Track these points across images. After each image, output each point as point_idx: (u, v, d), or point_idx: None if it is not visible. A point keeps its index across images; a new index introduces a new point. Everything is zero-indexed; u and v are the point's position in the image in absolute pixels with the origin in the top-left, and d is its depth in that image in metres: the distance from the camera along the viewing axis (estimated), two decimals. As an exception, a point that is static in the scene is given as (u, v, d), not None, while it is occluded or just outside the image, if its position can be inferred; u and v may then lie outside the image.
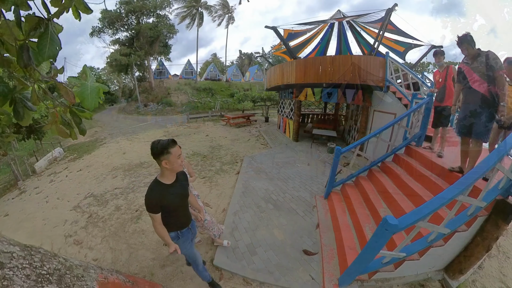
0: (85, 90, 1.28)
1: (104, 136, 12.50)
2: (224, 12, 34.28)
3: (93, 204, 4.70)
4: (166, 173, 1.90)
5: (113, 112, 28.16)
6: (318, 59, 8.27)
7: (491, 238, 2.40)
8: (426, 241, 2.26)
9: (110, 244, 3.38)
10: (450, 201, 1.88)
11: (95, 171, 6.73)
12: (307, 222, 3.73)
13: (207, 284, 2.44)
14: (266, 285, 2.53)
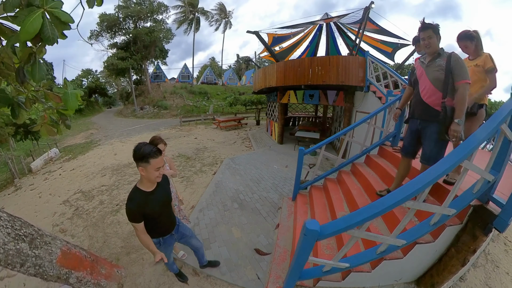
0: (67, 96, 1.75)
1: (99, 138, 13.00)
2: (221, 17, 34.77)
3: (80, 199, 5.20)
4: (144, 181, 1.83)
5: (111, 114, 28.75)
6: (297, 61, 8.42)
7: (467, 251, 2.10)
8: (375, 252, 2.00)
9: (90, 233, 3.87)
10: (390, 209, 1.56)
11: (87, 170, 7.23)
12: (268, 222, 3.82)
13: (161, 269, 2.82)
14: (211, 278, 2.72)
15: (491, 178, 1.86)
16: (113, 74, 26.90)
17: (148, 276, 2.76)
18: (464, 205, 1.92)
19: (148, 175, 1.74)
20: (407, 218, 1.78)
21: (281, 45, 12.45)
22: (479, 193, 1.92)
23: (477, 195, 1.93)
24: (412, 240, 1.94)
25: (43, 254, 1.87)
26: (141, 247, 3.31)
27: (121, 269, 2.86)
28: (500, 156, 1.87)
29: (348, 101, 7.84)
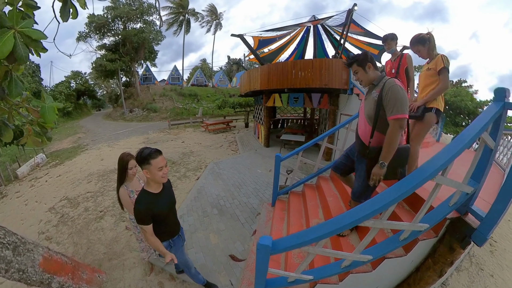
0: (44, 110, 1.86)
1: (86, 143, 13.00)
2: (212, 18, 34.78)
3: (66, 206, 5.32)
4: (151, 183, 1.90)
5: (99, 117, 28.49)
6: (280, 64, 8.45)
7: (444, 263, 2.03)
8: (339, 266, 1.93)
9: (74, 240, 4.02)
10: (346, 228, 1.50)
11: (73, 176, 7.32)
12: (245, 229, 3.92)
13: (140, 274, 2.98)
14: (187, 283, 2.84)
15: (469, 190, 1.77)
16: (102, 76, 26.65)
17: (128, 281, 2.95)
18: (438, 220, 1.82)
19: (153, 176, 1.81)
20: (369, 236, 1.69)
21: (268, 47, 12.60)
22: (456, 205, 1.82)
23: (454, 208, 1.83)
24: (379, 256, 1.85)
25: (26, 261, 2.05)
26: (123, 253, 3.49)
27: (102, 274, 3.04)
28: (481, 165, 1.78)
29: (333, 103, 7.87)
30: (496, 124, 1.71)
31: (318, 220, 3.16)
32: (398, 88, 1.82)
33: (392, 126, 1.83)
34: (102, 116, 29.25)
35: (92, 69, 27.14)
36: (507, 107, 1.64)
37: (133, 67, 27.42)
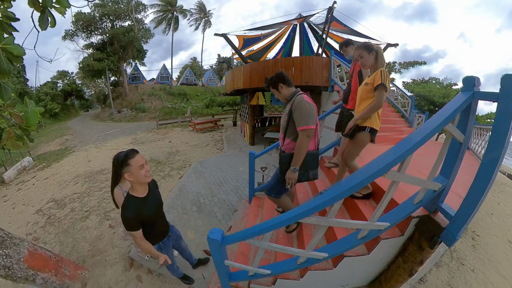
0: (27, 114, 2.03)
1: (74, 144, 13.04)
2: (201, 16, 34.64)
3: (53, 207, 5.48)
4: (135, 186, 1.84)
5: (87, 118, 28.24)
6: (262, 63, 8.63)
7: (414, 262, 1.99)
8: (295, 262, 1.94)
9: (60, 239, 4.22)
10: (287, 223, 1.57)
11: (60, 178, 7.45)
12: (222, 225, 4.13)
13: (120, 270, 3.21)
14: (162, 276, 3.06)
15: (436, 187, 1.71)
16: (89, 75, 26.34)
17: (109, 276, 3.18)
18: (400, 218, 1.77)
19: (136, 177, 1.75)
20: (319, 233, 1.68)
21: (253, 46, 12.74)
22: (422, 203, 1.77)
23: (419, 206, 1.78)
24: (336, 254, 1.86)
25: (12, 253, 2.27)
26: (105, 249, 3.72)
27: (85, 270, 3.27)
28: (450, 160, 1.71)
29: (314, 101, 8.01)
30: (465, 115, 1.58)
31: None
32: (304, 104, 2.07)
33: (300, 136, 2.07)
34: (90, 117, 29.05)
35: (79, 69, 26.79)
36: (476, 97, 1.50)
37: (121, 66, 27.21)
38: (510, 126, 1.29)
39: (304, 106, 2.06)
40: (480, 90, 1.51)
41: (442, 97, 12.66)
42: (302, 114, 2.05)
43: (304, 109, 2.06)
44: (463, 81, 1.57)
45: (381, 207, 1.63)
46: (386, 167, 1.38)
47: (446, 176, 1.74)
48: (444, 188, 1.75)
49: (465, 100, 1.48)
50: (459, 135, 1.55)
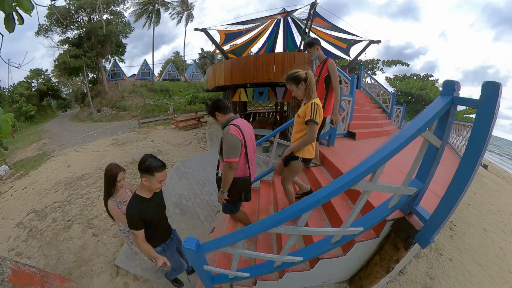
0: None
1: (52, 149, 12.64)
2: (183, 9, 33.80)
3: (34, 219, 5.39)
4: (145, 189, 1.96)
5: (66, 119, 27.26)
6: (243, 59, 8.52)
7: (390, 260, 2.04)
8: (272, 266, 2.00)
9: (44, 252, 4.19)
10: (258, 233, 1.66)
11: (39, 187, 7.27)
12: (205, 227, 4.17)
13: (106, 278, 3.26)
14: (149, 282, 3.11)
15: (411, 192, 1.73)
16: (66, 74, 25.20)
17: (96, 286, 3.24)
18: (374, 223, 1.81)
19: (151, 186, 1.88)
20: (290, 241, 1.73)
21: (236, 41, 12.68)
22: (396, 207, 1.81)
23: (393, 210, 1.82)
24: (310, 257, 1.93)
25: None
26: (90, 259, 3.75)
27: (71, 283, 3.31)
28: (426, 164, 1.71)
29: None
30: (443, 120, 1.54)
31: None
32: (229, 137, 2.20)
33: (224, 166, 2.27)
34: (68, 118, 28.01)
35: (55, 66, 25.59)
36: (456, 102, 1.46)
37: (99, 62, 26.08)
38: (488, 135, 1.28)
39: (228, 140, 2.21)
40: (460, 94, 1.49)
41: (419, 89, 13.29)
42: (226, 147, 2.22)
43: (228, 142, 2.20)
44: (442, 84, 1.55)
45: (352, 216, 1.65)
46: (355, 179, 1.38)
47: (421, 180, 1.76)
48: (419, 192, 1.77)
49: (444, 105, 1.45)
50: (435, 141, 1.55)
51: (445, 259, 3.19)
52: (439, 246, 3.42)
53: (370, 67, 24.68)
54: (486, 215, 5.40)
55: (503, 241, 4.35)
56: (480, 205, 5.91)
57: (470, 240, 4.01)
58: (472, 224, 4.68)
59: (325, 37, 12.25)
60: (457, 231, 4.16)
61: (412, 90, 13.43)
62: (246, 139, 2.31)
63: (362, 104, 7.90)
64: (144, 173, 1.83)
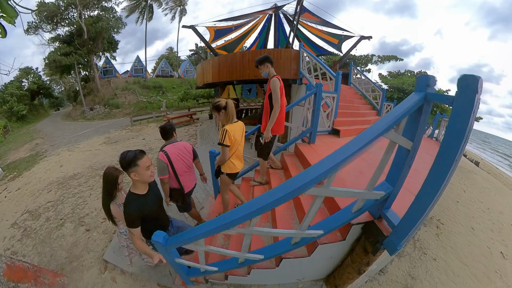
0: None
1: (45, 149, 12.74)
2: (176, 4, 33.23)
3: (28, 219, 5.58)
4: (138, 184, 1.93)
5: (58, 118, 27.06)
6: (230, 56, 8.48)
7: (361, 263, 2.02)
8: (237, 262, 2.07)
9: (38, 250, 4.41)
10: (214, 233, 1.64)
11: (33, 187, 7.44)
12: (190, 223, 4.14)
13: (95, 272, 3.51)
14: (134, 275, 3.34)
15: (378, 196, 1.65)
16: (57, 72, 24.99)
17: (86, 280, 3.48)
18: (336, 227, 1.78)
19: (142, 177, 1.85)
20: (246, 239, 1.80)
21: (227, 37, 12.51)
22: (361, 211, 1.75)
23: (358, 214, 1.76)
24: (271, 256, 1.99)
25: None
26: (81, 255, 3.99)
27: (64, 277, 3.56)
28: (396, 167, 1.63)
29: (286, 92, 8.04)
30: (415, 118, 1.42)
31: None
32: (157, 161, 2.84)
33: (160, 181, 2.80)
34: (61, 117, 27.79)
35: (45, 65, 25.35)
36: (430, 99, 1.33)
37: (91, 60, 25.74)
38: (464, 136, 1.14)
39: (157, 163, 2.85)
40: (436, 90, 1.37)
41: (411, 85, 13.49)
42: (157, 168, 2.84)
43: (157, 165, 2.85)
44: (416, 79, 1.41)
45: (307, 219, 1.63)
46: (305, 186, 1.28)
47: (392, 184, 1.67)
48: (389, 195, 1.69)
49: (413, 103, 1.33)
50: (404, 142, 1.44)
51: (429, 259, 3.16)
52: (424, 245, 3.37)
53: (364, 62, 24.87)
54: (475, 213, 5.38)
55: (490, 240, 4.36)
56: (469, 203, 5.89)
57: (457, 238, 4.01)
58: (460, 222, 4.68)
59: (316, 33, 12.36)
60: (444, 229, 4.16)
61: (404, 86, 13.65)
62: (172, 161, 2.86)
63: (351, 101, 8.00)
64: (130, 168, 1.80)
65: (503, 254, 4.02)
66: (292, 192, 1.30)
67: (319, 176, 1.28)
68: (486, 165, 17.99)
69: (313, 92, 3.95)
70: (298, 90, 7.51)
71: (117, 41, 28.55)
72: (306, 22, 11.82)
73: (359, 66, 22.52)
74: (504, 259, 3.91)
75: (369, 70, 24.35)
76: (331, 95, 4.77)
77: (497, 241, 4.37)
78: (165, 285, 3.22)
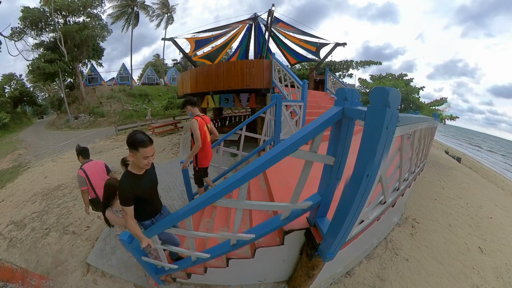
0: None
1: (28, 160, 12.82)
2: (163, 12, 33.50)
3: (13, 230, 5.84)
4: (134, 165, 2.01)
5: (42, 127, 26.64)
6: (206, 67, 8.87)
7: (307, 267, 2.09)
8: (191, 261, 2.31)
9: (25, 258, 4.70)
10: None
11: (17, 199, 7.66)
12: None
13: (79, 275, 3.89)
14: (114, 277, 3.64)
15: (304, 206, 1.74)
16: (41, 79, 24.64)
17: (70, 283, 3.86)
18: (266, 232, 1.91)
19: (137, 162, 1.92)
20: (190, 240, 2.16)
21: (208, 46, 12.87)
22: (289, 219, 1.84)
23: (287, 222, 1.86)
24: (216, 256, 2.24)
25: None
26: (66, 259, 4.36)
27: (49, 280, 3.95)
28: (324, 180, 1.68)
29: (260, 102, 8.31)
30: (335, 134, 1.42)
31: (209, 219, 4.09)
32: (78, 176, 3.60)
33: None
34: (45, 125, 27.36)
35: (29, 72, 25.06)
36: (347, 114, 1.28)
37: (76, 67, 25.67)
38: (377, 151, 1.09)
39: (78, 178, 3.61)
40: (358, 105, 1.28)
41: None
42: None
43: (78, 179, 3.61)
44: (336, 93, 1.36)
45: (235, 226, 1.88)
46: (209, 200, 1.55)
47: (321, 195, 1.74)
48: (319, 205, 1.76)
49: (328, 118, 1.30)
50: (322, 158, 1.43)
51: (400, 259, 3.11)
52: (396, 246, 3.32)
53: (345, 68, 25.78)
54: (453, 209, 5.34)
55: (468, 236, 4.32)
56: (447, 199, 5.85)
57: (433, 237, 3.95)
58: (437, 220, 4.63)
59: (295, 41, 12.97)
60: (419, 228, 4.10)
61: None
62: (89, 176, 3.61)
63: (324, 107, 8.14)
64: (131, 148, 1.86)
65: (481, 249, 4.00)
66: (201, 203, 1.61)
67: (217, 194, 1.50)
68: (468, 160, 18.10)
69: (273, 104, 4.32)
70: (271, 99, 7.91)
71: (102, 48, 28.40)
72: (284, 30, 12.43)
73: (340, 71, 23.42)
74: (482, 254, 3.88)
75: (350, 75, 25.16)
76: (298, 103, 5.12)
77: (475, 236, 4.36)
78: (140, 285, 3.64)
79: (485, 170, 15.94)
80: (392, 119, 1.03)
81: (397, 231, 3.50)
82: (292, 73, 6.02)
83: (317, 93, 10.55)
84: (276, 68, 7.00)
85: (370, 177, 1.17)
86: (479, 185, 8.07)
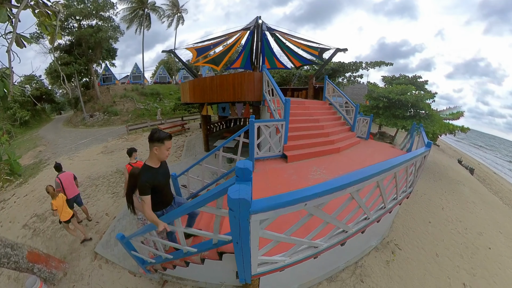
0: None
1: (48, 156, 14.01)
2: (173, 12, 34.40)
3: (36, 222, 6.84)
4: (154, 158, 2.29)
5: (60, 124, 28.11)
6: (202, 80, 9.30)
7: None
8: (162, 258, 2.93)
9: (46, 245, 5.73)
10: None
11: (38, 194, 8.68)
12: None
13: (88, 261, 4.82)
14: (115, 264, 4.53)
15: (227, 239, 2.12)
16: (57, 81, 26.30)
17: (81, 266, 4.78)
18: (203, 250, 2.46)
19: (160, 154, 2.26)
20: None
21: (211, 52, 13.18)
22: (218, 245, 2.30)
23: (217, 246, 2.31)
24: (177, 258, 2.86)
25: (18, 253, 3.80)
26: (79, 248, 5.28)
27: (66, 264, 4.90)
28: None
29: (254, 112, 8.46)
30: None
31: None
32: (56, 182, 5.55)
33: None
34: (62, 122, 28.92)
35: (46, 74, 26.67)
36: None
37: (90, 68, 26.99)
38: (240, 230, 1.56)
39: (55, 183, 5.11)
40: None
41: (399, 93, 12.79)
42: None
43: (55, 184, 5.15)
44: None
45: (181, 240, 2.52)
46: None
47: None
48: None
49: (219, 191, 1.80)
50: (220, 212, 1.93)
51: (365, 287, 2.91)
52: (365, 272, 3.11)
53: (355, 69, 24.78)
54: (447, 236, 4.84)
55: (455, 269, 3.82)
56: (443, 223, 5.36)
57: (411, 267, 3.56)
58: (423, 247, 4.22)
59: (298, 45, 13.05)
60: (399, 255, 3.75)
61: (391, 95, 12.99)
62: (62, 182, 5.52)
63: (316, 120, 7.76)
64: (156, 142, 2.22)
65: (465, 286, 3.48)
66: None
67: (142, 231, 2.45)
68: (483, 171, 16.94)
69: (246, 128, 4.70)
70: (262, 111, 7.98)
71: (115, 49, 29.53)
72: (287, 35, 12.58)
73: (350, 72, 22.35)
74: (465, 292, 3.43)
75: (361, 75, 24.21)
76: (279, 123, 5.22)
77: (464, 269, 3.85)
78: (133, 272, 4.49)
79: (500, 183, 14.73)
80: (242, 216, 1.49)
81: (372, 256, 3.26)
82: (278, 89, 5.95)
83: (312, 103, 10.18)
84: (266, 80, 6.93)
85: (239, 244, 1.65)
86: (486, 206, 7.32)
